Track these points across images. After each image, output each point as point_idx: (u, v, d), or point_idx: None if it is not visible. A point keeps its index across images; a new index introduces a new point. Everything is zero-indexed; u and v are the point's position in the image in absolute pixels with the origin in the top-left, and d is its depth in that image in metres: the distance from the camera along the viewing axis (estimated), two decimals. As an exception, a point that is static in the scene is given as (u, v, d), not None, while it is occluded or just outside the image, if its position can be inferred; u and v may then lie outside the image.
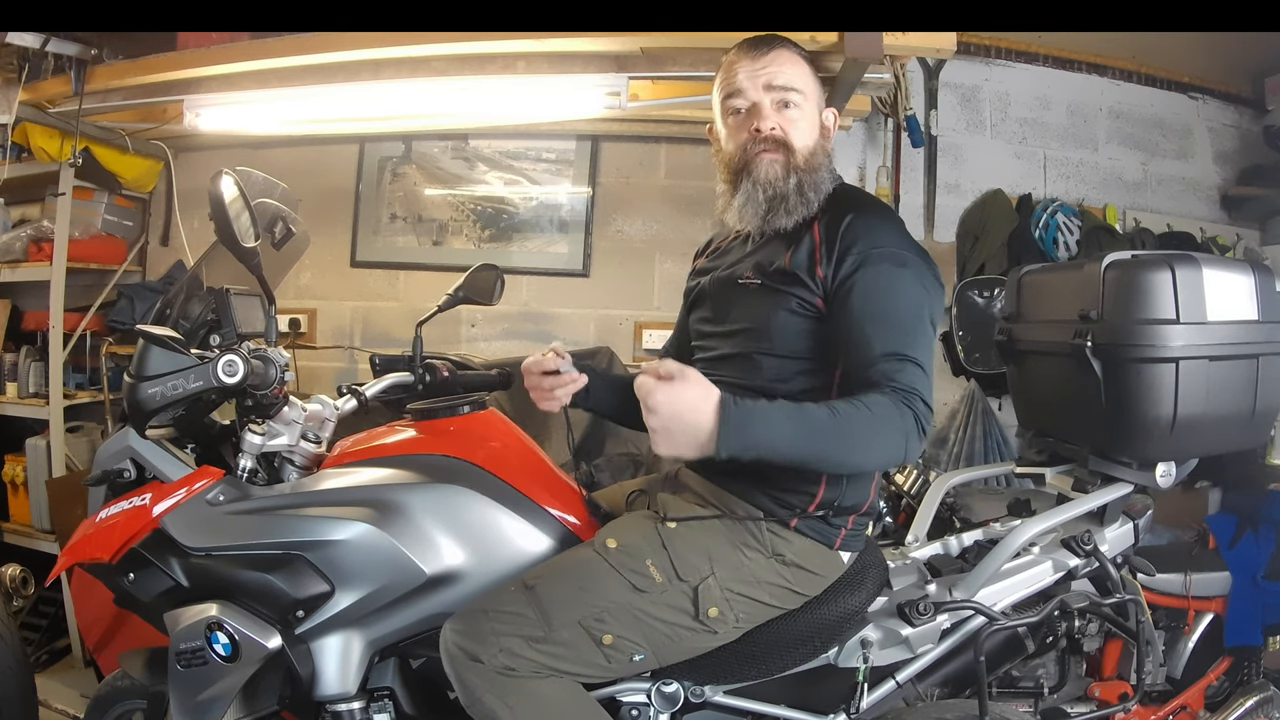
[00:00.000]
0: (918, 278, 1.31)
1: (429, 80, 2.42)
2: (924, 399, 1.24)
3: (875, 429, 1.20)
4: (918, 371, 1.25)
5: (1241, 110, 3.49)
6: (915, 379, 1.24)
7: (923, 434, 1.23)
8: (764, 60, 1.39)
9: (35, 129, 2.77)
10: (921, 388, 1.24)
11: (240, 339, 1.52)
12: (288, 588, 1.36)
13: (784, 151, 1.39)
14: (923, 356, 1.27)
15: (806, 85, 1.42)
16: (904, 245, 1.33)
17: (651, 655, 1.32)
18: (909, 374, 1.24)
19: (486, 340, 3.31)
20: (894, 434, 1.21)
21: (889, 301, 1.28)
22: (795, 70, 1.41)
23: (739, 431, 1.13)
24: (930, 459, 3.13)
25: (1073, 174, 3.37)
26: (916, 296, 1.30)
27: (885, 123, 3.23)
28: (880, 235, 1.33)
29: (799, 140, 1.39)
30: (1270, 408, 1.54)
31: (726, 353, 1.43)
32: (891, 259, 1.30)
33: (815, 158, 1.40)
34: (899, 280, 1.29)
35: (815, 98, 1.44)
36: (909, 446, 1.22)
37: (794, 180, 1.38)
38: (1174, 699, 2.20)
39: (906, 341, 1.26)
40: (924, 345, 1.28)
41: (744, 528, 1.35)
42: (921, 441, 1.24)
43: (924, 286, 1.31)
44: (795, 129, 1.40)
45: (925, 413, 1.23)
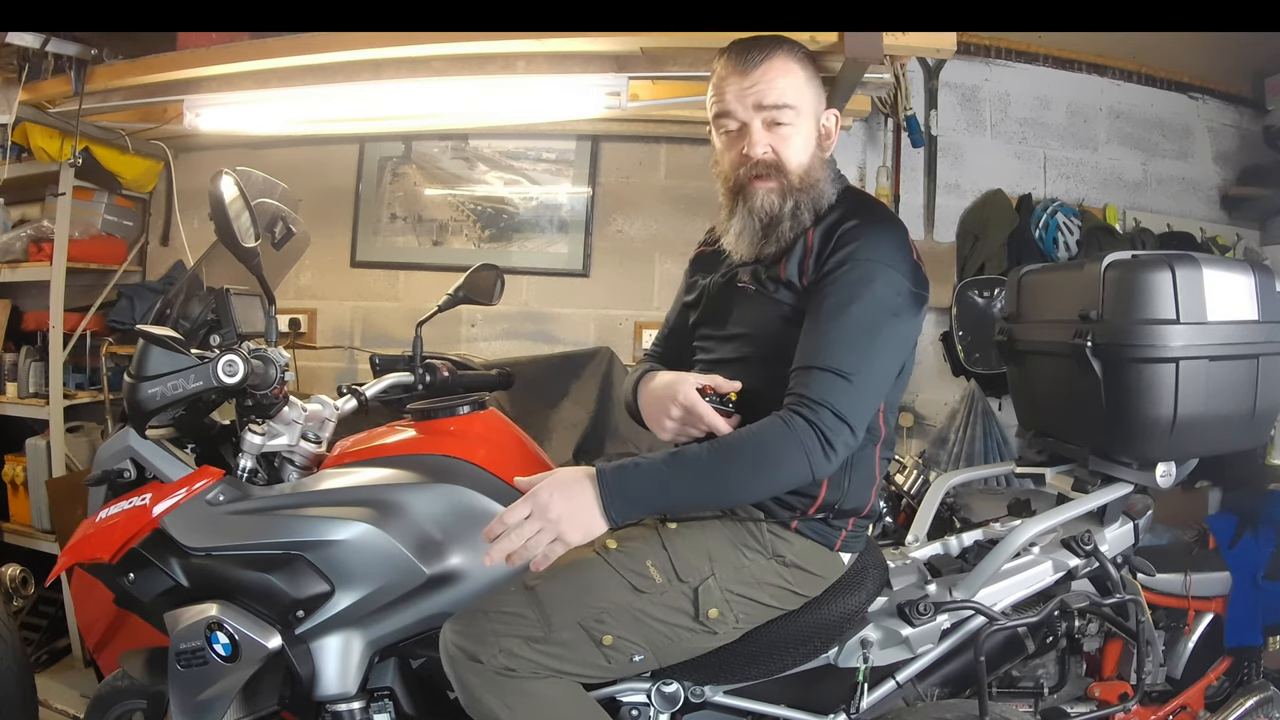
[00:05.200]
0: (889, 293, 1.27)
1: (429, 80, 2.42)
2: (835, 410, 1.21)
3: (762, 453, 1.21)
4: (837, 383, 1.22)
5: (1241, 110, 3.49)
6: (829, 390, 1.21)
7: (829, 446, 1.21)
8: (754, 76, 1.33)
9: (35, 129, 2.77)
10: (835, 398, 1.21)
11: (240, 339, 1.52)
12: (288, 588, 1.36)
13: (778, 176, 1.35)
14: (851, 368, 1.23)
15: (800, 96, 1.35)
16: (891, 260, 1.29)
17: (651, 656, 1.32)
18: (822, 385, 1.22)
19: (486, 340, 3.31)
20: (788, 453, 1.20)
21: (841, 310, 1.26)
22: (787, 81, 1.34)
23: (619, 497, 1.19)
24: (930, 459, 3.13)
25: (1073, 174, 3.37)
26: (875, 310, 1.26)
27: (885, 123, 3.23)
28: (870, 245, 1.29)
29: (793, 159, 1.35)
30: (1270, 408, 1.54)
31: (724, 357, 1.42)
32: (868, 270, 1.27)
33: (812, 173, 1.36)
34: (864, 291, 1.26)
35: (811, 105, 1.38)
36: (813, 462, 1.21)
37: (790, 204, 1.35)
38: (1174, 699, 2.20)
39: (837, 353, 1.23)
40: (859, 359, 1.24)
41: (744, 528, 1.35)
42: (830, 454, 1.21)
43: (890, 303, 1.27)
44: (788, 147, 1.35)
45: (832, 424, 1.21)
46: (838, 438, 1.22)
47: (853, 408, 1.23)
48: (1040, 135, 3.36)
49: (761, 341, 1.36)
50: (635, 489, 1.20)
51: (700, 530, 1.35)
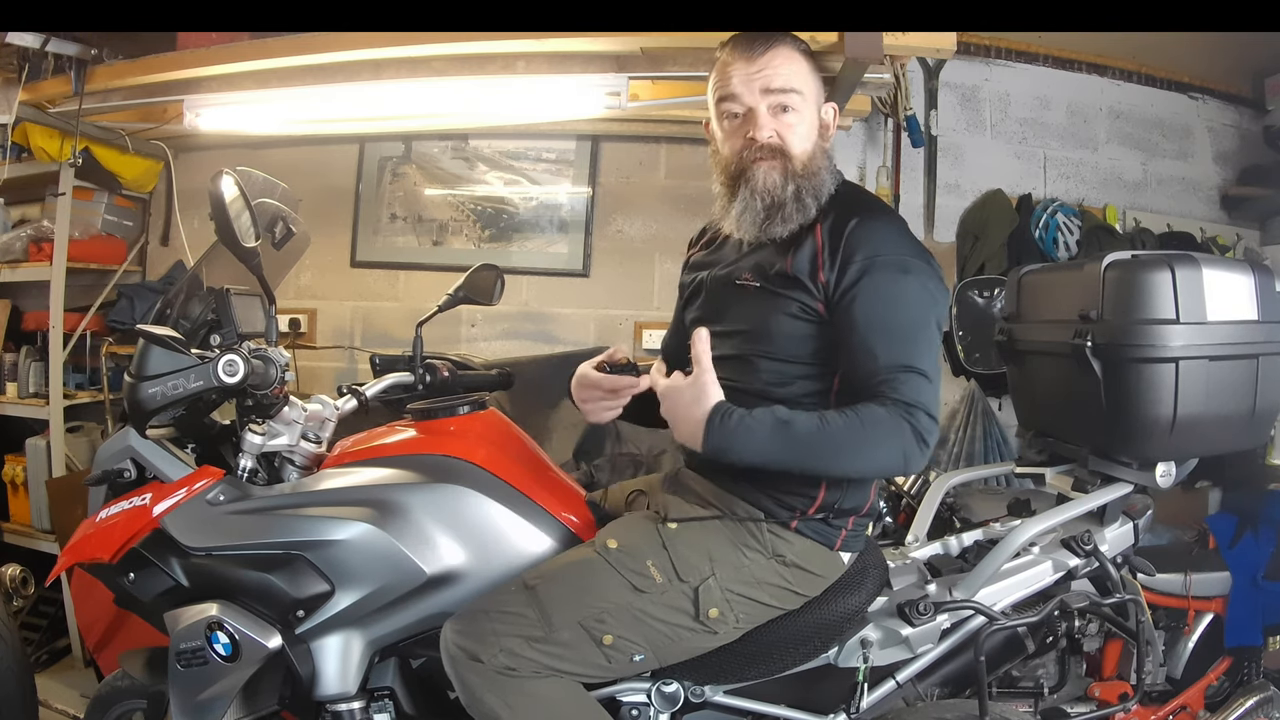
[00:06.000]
0: (921, 285, 1.30)
1: (429, 80, 2.42)
2: (927, 411, 1.24)
3: (867, 440, 1.24)
4: (921, 382, 1.25)
5: (1241, 110, 3.49)
6: (918, 391, 1.25)
7: (923, 445, 1.24)
8: (760, 61, 1.34)
9: (35, 129, 2.77)
10: (925, 399, 1.25)
11: (240, 339, 1.52)
12: (288, 588, 1.36)
13: (781, 159, 1.36)
14: (927, 366, 1.27)
15: (805, 84, 1.37)
16: (908, 250, 1.32)
17: (652, 655, 1.32)
18: (911, 386, 1.25)
19: (486, 340, 3.31)
20: (888, 446, 1.24)
21: (892, 311, 1.28)
22: (793, 69, 1.36)
23: (721, 434, 1.24)
24: (930, 459, 3.13)
25: (1073, 174, 3.37)
26: (920, 304, 1.30)
27: (885, 123, 3.22)
28: (885, 241, 1.31)
29: (797, 145, 1.36)
30: (1270, 408, 1.54)
31: (724, 354, 1.41)
32: (896, 266, 1.29)
33: (814, 161, 1.38)
34: (903, 288, 1.29)
35: (814, 95, 1.40)
36: (908, 458, 1.24)
37: (792, 187, 1.35)
38: (1174, 699, 2.20)
39: (910, 352, 1.26)
40: (928, 354, 1.29)
41: (744, 528, 1.35)
42: (922, 453, 1.24)
43: (928, 293, 1.31)
44: (793, 134, 1.36)
45: (927, 425, 1.24)
46: (930, 435, 1.25)
47: (936, 403, 1.27)
48: (1040, 135, 3.35)
49: (762, 338, 1.36)
50: (738, 434, 1.23)
51: (700, 530, 1.35)
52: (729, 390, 1.34)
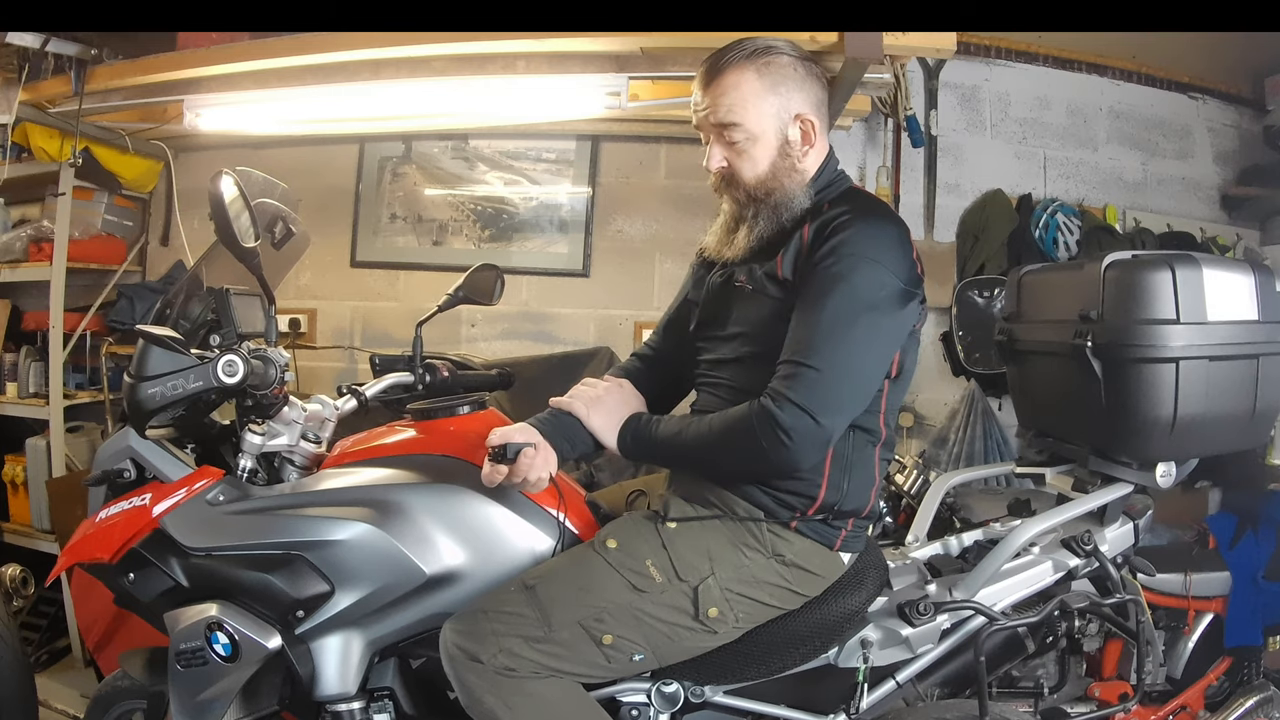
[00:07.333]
0: (867, 282, 1.26)
1: (429, 80, 2.42)
2: (802, 405, 1.22)
3: (727, 439, 1.29)
4: (802, 375, 1.23)
5: (1241, 110, 3.49)
6: (797, 385, 1.23)
7: (785, 438, 1.23)
8: (709, 95, 1.35)
9: (35, 129, 2.77)
10: (802, 394, 1.23)
11: (240, 339, 1.52)
12: (288, 588, 1.36)
13: (730, 189, 1.40)
14: (819, 361, 1.23)
15: (749, 112, 1.33)
16: (872, 250, 1.27)
17: (651, 655, 1.32)
18: (793, 381, 1.24)
19: (486, 340, 3.31)
20: (747, 443, 1.26)
21: (816, 306, 1.26)
22: (738, 96, 1.32)
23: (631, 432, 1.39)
24: (930, 459, 3.13)
25: (1073, 174, 3.37)
26: (851, 301, 1.25)
27: (885, 123, 3.22)
28: (851, 239, 1.28)
29: (748, 172, 1.36)
30: (1270, 408, 1.54)
31: (725, 357, 1.42)
32: (842, 264, 1.26)
33: (771, 181, 1.36)
34: (839, 284, 1.26)
35: (770, 118, 1.34)
36: (769, 449, 1.24)
37: (750, 210, 1.38)
38: (1174, 699, 2.20)
39: (810, 347, 1.25)
40: (836, 351, 1.24)
41: (744, 528, 1.35)
42: (789, 444, 1.23)
43: (870, 291, 1.26)
44: (744, 161, 1.36)
45: (792, 419, 1.22)
46: (795, 428, 1.23)
47: (818, 399, 1.23)
48: (1040, 135, 3.36)
49: (759, 340, 1.36)
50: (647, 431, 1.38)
51: (700, 530, 1.35)
52: (729, 392, 1.34)
